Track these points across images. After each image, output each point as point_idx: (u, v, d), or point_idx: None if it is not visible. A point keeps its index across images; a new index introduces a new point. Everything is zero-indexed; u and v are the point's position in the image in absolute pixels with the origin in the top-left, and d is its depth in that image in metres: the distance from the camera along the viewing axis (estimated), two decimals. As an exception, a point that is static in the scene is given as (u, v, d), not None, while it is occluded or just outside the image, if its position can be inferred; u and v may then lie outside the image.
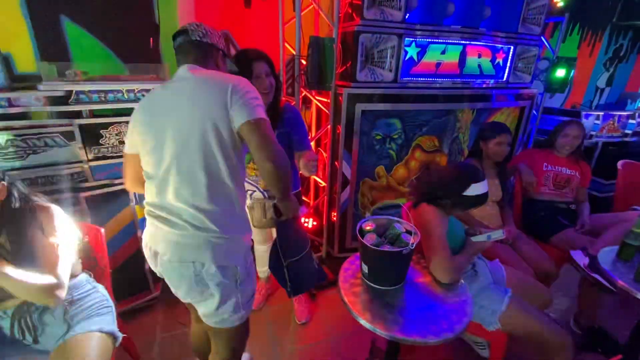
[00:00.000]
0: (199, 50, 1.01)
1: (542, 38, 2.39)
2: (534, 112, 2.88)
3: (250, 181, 1.54)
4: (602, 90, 3.87)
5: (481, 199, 1.27)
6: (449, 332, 0.99)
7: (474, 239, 1.31)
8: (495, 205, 1.88)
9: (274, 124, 1.46)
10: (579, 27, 3.44)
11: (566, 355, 1.23)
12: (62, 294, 0.99)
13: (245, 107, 0.90)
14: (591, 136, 2.96)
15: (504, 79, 2.31)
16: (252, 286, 1.07)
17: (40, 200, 1.09)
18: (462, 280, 1.24)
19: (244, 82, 0.96)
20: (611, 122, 2.98)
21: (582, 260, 1.56)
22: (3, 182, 0.99)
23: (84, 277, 1.21)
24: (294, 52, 1.95)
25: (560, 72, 2.55)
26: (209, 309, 1.01)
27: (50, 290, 0.96)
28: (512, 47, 2.22)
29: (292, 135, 1.51)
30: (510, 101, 2.39)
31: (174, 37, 1.03)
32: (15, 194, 1.02)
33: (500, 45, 2.18)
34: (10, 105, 1.37)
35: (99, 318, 1.13)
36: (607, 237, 1.65)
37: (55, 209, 1.09)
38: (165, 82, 1.02)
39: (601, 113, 2.93)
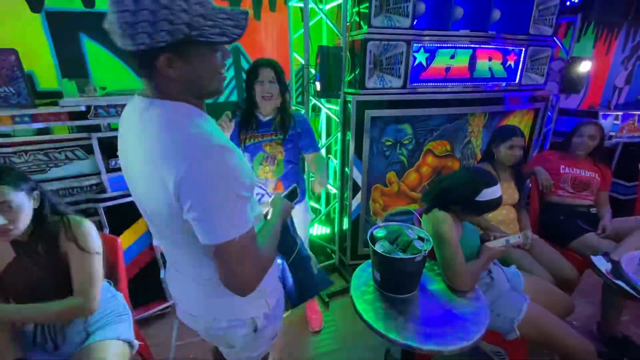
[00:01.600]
0: (138, 67, 0.63)
1: (555, 38, 2.35)
2: (549, 113, 2.82)
3: (259, 184, 1.57)
4: (621, 89, 3.75)
5: (494, 204, 1.25)
6: (465, 341, 0.97)
7: (489, 244, 1.29)
8: (512, 209, 1.83)
9: (283, 128, 1.52)
10: (593, 26, 3.36)
11: (590, 366, 1.18)
12: (93, 306, 1.04)
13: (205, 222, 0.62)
14: (611, 137, 2.86)
15: (516, 81, 2.27)
16: (273, 330, 0.94)
17: (71, 213, 1.12)
18: (478, 287, 1.21)
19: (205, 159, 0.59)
20: (631, 122, 2.87)
21: (604, 266, 1.50)
22: (37, 190, 1.03)
23: (105, 285, 1.25)
24: (303, 62, 1.98)
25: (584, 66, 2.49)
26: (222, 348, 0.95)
27: (76, 311, 1.03)
28: (523, 49, 2.19)
29: (301, 139, 1.58)
30: (524, 103, 2.35)
31: None
32: (47, 204, 1.06)
33: (511, 48, 2.15)
34: (33, 120, 1.43)
35: (117, 326, 1.16)
36: (630, 242, 1.59)
37: (88, 223, 1.11)
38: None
39: (620, 113, 2.84)
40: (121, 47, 0.58)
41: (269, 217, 0.88)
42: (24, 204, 0.96)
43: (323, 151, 2.53)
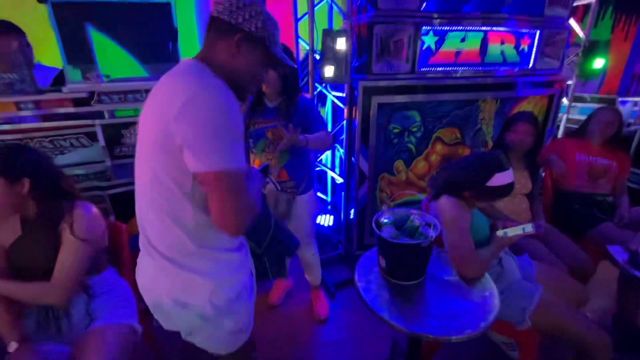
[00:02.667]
0: (213, 31, 0.77)
1: (571, 21, 2.25)
2: (565, 100, 2.72)
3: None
4: (640, 75, 3.60)
5: (506, 190, 1.20)
6: (473, 329, 0.93)
7: (499, 232, 1.24)
8: (525, 198, 1.77)
9: (287, 114, 1.47)
10: (611, 10, 3.23)
11: (606, 357, 1.13)
12: (62, 295, 1.04)
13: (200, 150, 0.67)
14: (629, 124, 2.75)
15: (530, 66, 2.18)
16: (234, 324, 0.91)
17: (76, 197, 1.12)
18: (488, 275, 1.17)
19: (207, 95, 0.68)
20: (651, 109, 2.76)
21: (621, 256, 1.44)
22: (26, 177, 1.01)
23: (110, 272, 1.25)
24: (308, 48, 1.93)
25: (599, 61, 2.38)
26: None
27: (43, 297, 1.03)
28: (538, 32, 2.09)
29: (308, 123, 1.51)
30: (537, 89, 2.27)
31: None
32: (42, 188, 1.04)
33: (525, 30, 2.06)
34: (38, 107, 1.43)
35: (121, 311, 1.16)
36: (649, 231, 1.52)
37: (87, 209, 1.11)
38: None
39: (639, 99, 2.72)
40: (216, 14, 0.75)
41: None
42: None
43: (329, 140, 2.50)
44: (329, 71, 1.83)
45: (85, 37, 2.29)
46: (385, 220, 1.17)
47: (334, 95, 2.19)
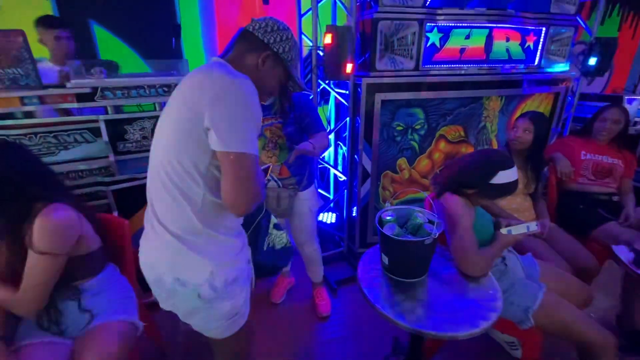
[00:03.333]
0: (244, 43, 0.90)
1: (578, 18, 2.22)
2: (569, 98, 2.69)
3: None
4: (648, 74, 3.56)
5: (510, 188, 1.19)
6: (475, 327, 0.93)
7: (503, 231, 1.23)
8: (528, 197, 1.76)
9: (282, 110, 1.45)
10: (618, 8, 3.19)
11: (610, 357, 1.12)
12: (25, 308, 0.99)
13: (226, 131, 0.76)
14: (635, 123, 2.72)
15: (535, 63, 2.16)
16: (231, 307, 0.93)
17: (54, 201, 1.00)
18: (491, 274, 1.16)
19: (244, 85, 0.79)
20: (658, 108, 2.72)
21: (626, 255, 1.42)
22: None
23: (110, 269, 1.23)
24: (311, 44, 1.92)
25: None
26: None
27: (10, 305, 0.98)
28: (544, 29, 2.07)
29: (304, 120, 1.48)
30: (543, 87, 2.24)
31: None
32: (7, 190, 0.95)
33: (530, 27, 2.04)
34: (42, 102, 1.43)
35: (122, 308, 1.16)
36: (655, 231, 1.51)
37: (47, 218, 0.95)
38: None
39: (646, 98, 2.69)
40: (252, 30, 0.89)
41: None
42: None
43: (332, 137, 2.49)
44: (331, 67, 1.82)
45: (89, 33, 2.31)
46: (389, 218, 1.16)
47: (337, 92, 2.18)
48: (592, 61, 2.34)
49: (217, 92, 0.76)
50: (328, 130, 2.41)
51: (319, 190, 2.44)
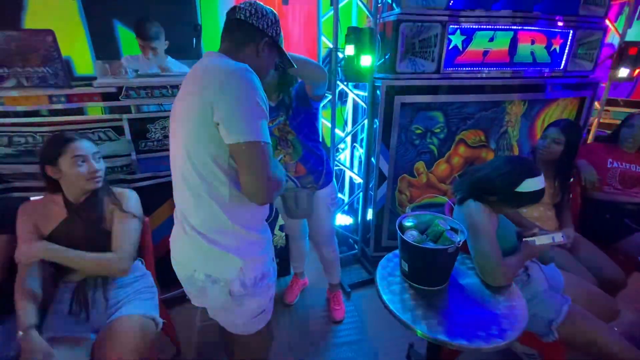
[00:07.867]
0: (239, 31, 0.88)
1: (607, 21, 2.14)
2: (596, 103, 2.60)
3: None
4: (679, 79, 3.40)
5: (536, 197, 1.15)
6: (499, 339, 0.90)
7: (529, 240, 1.19)
8: (552, 207, 1.70)
9: (284, 105, 1.44)
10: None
11: (638, 376, 1.08)
12: (124, 264, 1.14)
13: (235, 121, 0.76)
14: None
15: (561, 67, 2.10)
16: (257, 305, 0.96)
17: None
18: (515, 284, 1.13)
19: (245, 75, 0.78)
20: (690, 115, 2.60)
21: (655, 268, 1.37)
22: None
23: (137, 263, 1.29)
24: (331, 46, 1.91)
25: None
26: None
27: (108, 264, 1.13)
28: (571, 32, 2.01)
29: (301, 89, 1.44)
30: (567, 91, 2.17)
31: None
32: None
33: (557, 30, 1.98)
34: (69, 101, 1.47)
35: (144, 302, 1.19)
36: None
37: (130, 191, 1.29)
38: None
39: (678, 104, 2.58)
40: (244, 18, 0.86)
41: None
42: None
43: (348, 140, 2.48)
44: (351, 69, 1.81)
45: (113, 33, 2.36)
46: (409, 223, 1.15)
47: (355, 94, 2.17)
48: (624, 73, 2.26)
49: (223, 82, 0.76)
50: (345, 133, 2.39)
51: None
